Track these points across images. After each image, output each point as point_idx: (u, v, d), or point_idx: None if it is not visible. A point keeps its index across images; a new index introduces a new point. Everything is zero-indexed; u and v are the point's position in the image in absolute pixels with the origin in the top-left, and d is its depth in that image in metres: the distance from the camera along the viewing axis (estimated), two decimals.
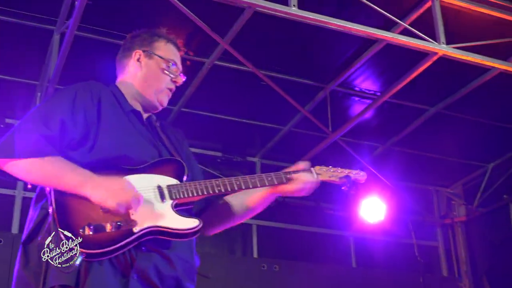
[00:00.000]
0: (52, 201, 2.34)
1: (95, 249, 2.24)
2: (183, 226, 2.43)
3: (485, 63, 5.54)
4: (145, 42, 2.89)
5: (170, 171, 2.60)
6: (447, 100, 6.88)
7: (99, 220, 2.30)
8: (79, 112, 2.53)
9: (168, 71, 2.84)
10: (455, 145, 7.99)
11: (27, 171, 2.42)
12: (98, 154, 2.49)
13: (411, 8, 5.52)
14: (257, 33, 5.68)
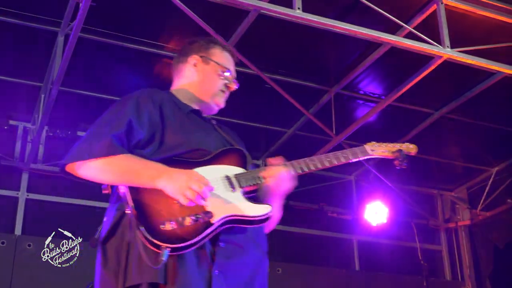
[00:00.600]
0: (129, 200, 2.41)
1: (179, 243, 2.30)
2: (257, 212, 2.53)
3: (490, 67, 5.51)
4: (202, 48, 2.98)
5: (234, 161, 2.68)
6: (451, 104, 6.87)
7: (178, 214, 2.36)
8: (144, 114, 2.61)
9: (224, 76, 2.93)
10: (460, 149, 7.98)
11: (101, 171, 2.49)
12: (165, 152, 2.57)
13: (416, 12, 5.51)
14: (261, 36, 5.68)
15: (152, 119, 2.62)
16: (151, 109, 2.64)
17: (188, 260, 2.34)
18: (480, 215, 8.59)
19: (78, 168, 2.51)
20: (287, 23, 5.09)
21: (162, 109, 2.68)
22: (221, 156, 2.66)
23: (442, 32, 5.25)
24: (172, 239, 2.29)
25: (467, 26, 5.67)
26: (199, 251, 2.37)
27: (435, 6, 5.32)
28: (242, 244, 2.52)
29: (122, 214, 2.45)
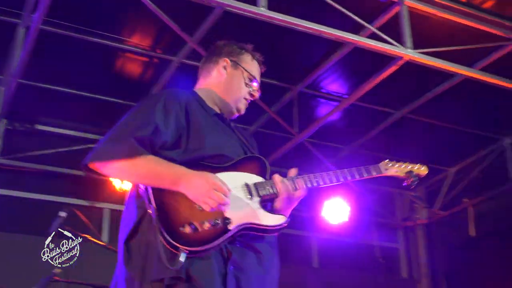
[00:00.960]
0: (151, 200, 2.46)
1: (197, 246, 2.37)
2: (273, 222, 2.61)
3: (450, 69, 5.61)
4: (234, 53, 3.01)
5: (254, 169, 2.73)
6: (412, 104, 6.98)
7: (197, 218, 2.43)
8: (170, 116, 2.62)
9: (250, 85, 2.97)
10: (419, 148, 8.10)
11: (122, 172, 2.54)
12: (190, 154, 2.60)
13: (379, 13, 5.57)
14: (226, 33, 5.61)
15: (178, 122, 2.64)
16: (178, 111, 2.66)
17: (205, 257, 2.42)
18: (437, 214, 8.75)
19: (100, 167, 2.55)
20: (252, 21, 5.08)
21: (188, 109, 2.71)
22: (242, 163, 2.72)
23: (404, 34, 5.33)
24: (190, 242, 2.37)
25: (429, 28, 5.77)
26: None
27: (398, 7, 5.39)
28: (257, 248, 2.60)
29: (144, 213, 2.50)
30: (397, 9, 5.41)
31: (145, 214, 2.50)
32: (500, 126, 7.69)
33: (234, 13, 4.97)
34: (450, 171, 8.53)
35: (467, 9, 5.56)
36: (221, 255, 2.46)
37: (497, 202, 8.08)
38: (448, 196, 8.58)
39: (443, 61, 5.54)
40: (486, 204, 8.21)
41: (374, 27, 5.43)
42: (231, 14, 5.06)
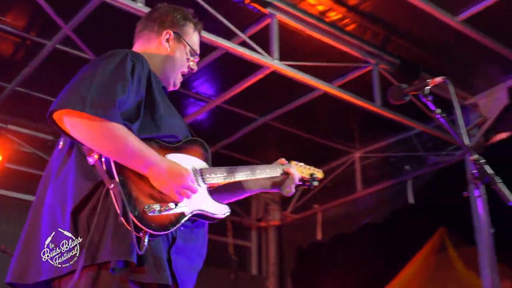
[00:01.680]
0: (114, 175, 2.26)
1: (159, 230, 2.27)
2: (219, 212, 2.59)
3: (311, 82, 5.97)
4: (177, 24, 2.87)
5: (198, 153, 2.66)
6: (275, 112, 7.32)
7: (158, 199, 2.34)
8: (135, 81, 2.45)
9: (190, 59, 2.88)
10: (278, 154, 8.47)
11: (92, 135, 2.28)
12: (145, 129, 2.45)
13: (252, 23, 5.82)
14: (103, 23, 5.64)
15: (140, 88, 2.48)
16: (141, 76, 2.50)
17: (156, 241, 2.32)
18: (289, 217, 9.21)
19: (67, 119, 2.27)
20: (130, 15, 5.10)
21: (150, 78, 2.56)
22: (188, 145, 2.63)
23: (273, 45, 5.62)
24: (153, 225, 2.25)
25: (297, 43, 6.10)
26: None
27: (270, 20, 5.67)
28: (195, 232, 2.55)
29: (96, 185, 2.31)
30: (269, 21, 5.68)
31: (97, 188, 2.30)
32: (352, 141, 8.30)
33: (112, 5, 4.91)
34: None
35: (332, 29, 5.92)
36: (167, 239, 2.39)
37: (343, 209, 8.67)
38: (300, 201, 9.04)
39: (305, 74, 5.89)
40: (334, 211, 8.78)
41: (246, 35, 5.65)
42: (109, 5, 4.99)
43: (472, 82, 6.93)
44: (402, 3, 5.49)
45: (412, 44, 6.25)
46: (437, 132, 7.01)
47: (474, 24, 5.87)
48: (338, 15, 5.80)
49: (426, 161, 7.66)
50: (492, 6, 5.56)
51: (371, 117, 6.73)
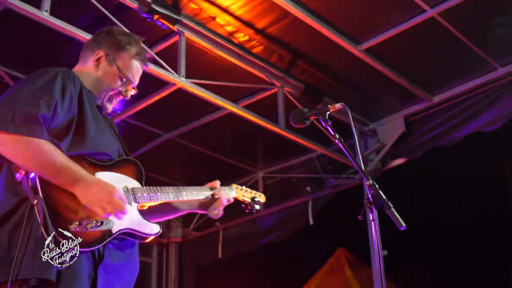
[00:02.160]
0: (38, 191, 2.27)
1: (84, 247, 2.26)
2: (149, 231, 2.60)
3: (216, 101, 6.03)
4: (113, 47, 2.86)
5: (132, 172, 2.67)
6: (180, 129, 7.31)
7: (84, 216, 2.34)
8: (66, 99, 2.45)
9: (120, 84, 2.85)
10: (182, 171, 8.50)
11: (16, 152, 2.31)
12: (75, 146, 2.44)
13: (160, 39, 5.81)
14: (6, 30, 5.47)
15: (72, 106, 2.50)
16: (72, 94, 2.51)
17: (79, 259, 2.28)
18: (190, 234, 9.21)
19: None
20: (35, 23, 4.93)
21: (81, 97, 2.57)
22: (120, 164, 2.65)
23: (180, 62, 5.64)
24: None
25: (204, 61, 6.13)
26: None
27: (178, 37, 5.69)
28: (126, 251, 2.55)
29: (20, 201, 2.29)
30: (177, 39, 5.69)
31: (22, 203, 2.31)
32: (256, 160, 8.40)
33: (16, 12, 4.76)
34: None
35: (239, 50, 6.00)
36: (92, 257, 2.38)
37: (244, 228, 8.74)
38: (203, 219, 9.02)
39: (212, 93, 5.94)
40: (235, 229, 8.84)
41: (153, 51, 5.64)
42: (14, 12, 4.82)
43: (371, 109, 7.22)
44: (308, 29, 5.65)
45: (316, 69, 6.44)
46: (337, 155, 7.23)
47: (375, 54, 6.13)
48: (245, 36, 5.89)
49: (326, 183, 7.87)
50: (392, 38, 5.83)
51: (275, 138, 6.85)
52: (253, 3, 5.41)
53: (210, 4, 5.43)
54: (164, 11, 5.30)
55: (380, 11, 5.61)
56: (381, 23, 5.77)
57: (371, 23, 5.78)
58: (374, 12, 5.63)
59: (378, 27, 5.82)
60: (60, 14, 4.87)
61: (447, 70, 6.51)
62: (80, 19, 5.28)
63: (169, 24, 5.42)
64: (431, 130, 7.08)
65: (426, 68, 6.49)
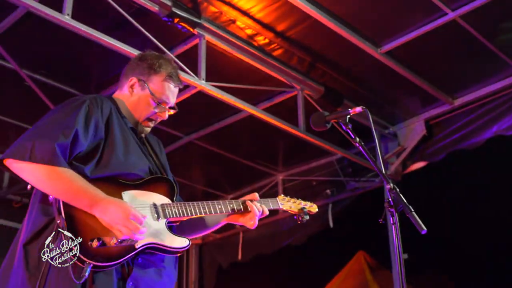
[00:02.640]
0: (61, 211, 2.42)
1: (103, 262, 2.38)
2: (176, 244, 2.65)
3: (236, 104, 6.03)
4: (145, 72, 2.93)
5: (162, 190, 2.75)
6: (200, 131, 7.34)
7: (105, 234, 2.43)
8: (91, 126, 2.57)
9: (155, 106, 2.92)
10: (202, 173, 8.52)
11: (37, 179, 2.46)
12: (102, 169, 2.56)
13: (180, 42, 5.83)
14: (28, 33, 5.52)
15: (98, 132, 2.61)
16: (98, 120, 2.62)
17: (107, 272, 2.40)
18: (210, 236, 9.24)
19: (14, 166, 2.48)
20: (56, 26, 4.98)
21: (109, 122, 2.68)
22: (151, 182, 2.73)
23: (200, 65, 5.65)
24: (96, 257, 2.36)
25: (224, 64, 6.14)
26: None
27: (198, 40, 5.70)
28: (158, 264, 2.62)
29: (49, 221, 2.44)
30: (197, 42, 5.71)
31: (51, 222, 2.47)
32: (276, 163, 8.40)
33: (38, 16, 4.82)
34: (227, 198, 9.06)
35: (259, 53, 6.01)
36: (121, 271, 2.49)
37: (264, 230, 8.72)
38: None
39: (232, 96, 5.94)
40: (255, 232, 8.84)
41: (173, 54, 5.66)
42: (35, 16, 4.90)
43: (392, 112, 7.18)
44: (328, 32, 5.64)
45: (337, 72, 6.43)
46: (357, 159, 7.21)
47: (395, 57, 6.10)
48: (265, 39, 5.90)
49: (346, 186, 7.85)
50: (413, 41, 5.80)
51: (294, 140, 6.85)
52: (273, 6, 5.42)
53: (230, 7, 5.45)
54: (184, 14, 5.33)
55: (401, 14, 5.59)
56: (402, 26, 5.75)
57: (391, 26, 5.76)
58: (395, 15, 5.60)
59: (398, 30, 5.79)
60: (81, 18, 4.91)
61: (468, 73, 6.46)
62: (101, 23, 5.33)
63: (189, 27, 5.44)
64: (452, 133, 7.04)
65: (447, 71, 6.45)
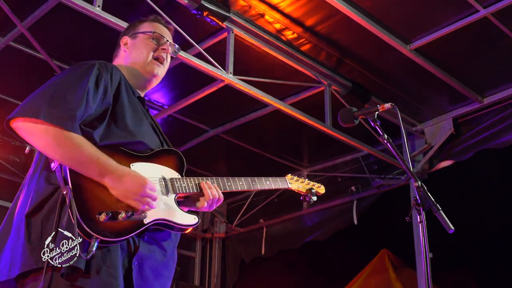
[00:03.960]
0: (68, 181, 2.30)
1: (111, 237, 2.26)
2: (185, 222, 2.55)
3: (264, 99, 6.02)
4: (131, 27, 2.98)
5: (172, 163, 2.65)
6: (226, 125, 7.36)
7: (114, 207, 2.31)
8: (100, 89, 2.48)
9: (151, 40, 2.88)
10: (226, 166, 8.55)
11: (48, 143, 2.32)
12: (111, 137, 2.46)
13: (209, 35, 5.86)
14: (59, 24, 5.58)
15: (106, 96, 2.51)
16: (108, 85, 2.53)
17: (112, 249, 2.30)
18: (234, 230, 9.25)
19: (23, 127, 2.34)
20: (87, 17, 5.01)
21: (119, 89, 2.59)
22: (160, 155, 2.63)
23: (228, 59, 5.65)
24: (104, 232, 2.24)
25: (252, 58, 6.15)
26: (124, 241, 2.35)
27: (226, 34, 5.71)
28: (163, 243, 2.53)
29: (54, 190, 2.35)
30: (225, 35, 5.72)
31: (55, 191, 2.34)
32: (301, 158, 8.39)
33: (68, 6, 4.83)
34: (250, 192, 9.05)
35: (287, 48, 6.00)
36: (127, 248, 2.38)
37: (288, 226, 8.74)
38: (246, 215, 9.09)
39: (259, 90, 5.93)
40: (279, 227, 8.85)
41: (202, 47, 5.67)
42: (65, 6, 4.91)
43: (420, 109, 7.12)
44: (357, 28, 5.61)
45: (365, 68, 6.39)
46: (383, 156, 7.16)
47: (424, 54, 6.04)
48: (294, 34, 5.88)
49: (372, 183, 7.81)
50: (443, 38, 5.74)
51: (320, 136, 6.83)
52: (302, 1, 5.40)
53: (259, 1, 5.44)
54: (213, 7, 5.34)
55: (432, 11, 5.52)
56: (432, 22, 5.69)
57: (421, 23, 5.70)
58: (425, 11, 5.54)
59: (428, 27, 5.73)
60: (112, 9, 4.93)
61: (499, 71, 6.37)
62: (131, 15, 5.32)
63: (218, 21, 5.45)
64: (480, 132, 6.95)
65: (476, 69, 6.36)
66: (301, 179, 3.24)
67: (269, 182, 3.02)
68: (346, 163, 8.19)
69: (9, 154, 7.49)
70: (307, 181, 3.25)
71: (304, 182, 3.24)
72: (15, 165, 7.41)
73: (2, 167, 7.35)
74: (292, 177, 3.20)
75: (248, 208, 9.07)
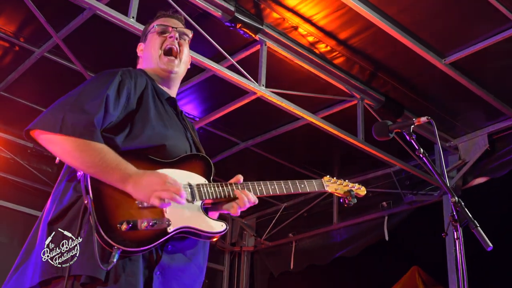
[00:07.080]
0: (89, 189, 2.25)
1: (132, 247, 2.18)
2: (212, 229, 2.44)
3: (295, 111, 5.99)
4: (142, 33, 3.04)
5: (199, 169, 2.55)
6: (257, 138, 7.35)
7: (135, 216, 2.24)
8: (123, 96, 2.46)
9: (157, 34, 2.89)
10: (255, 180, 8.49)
11: (67, 153, 2.31)
12: (133, 142, 2.42)
13: (242, 48, 5.87)
14: (93, 35, 5.64)
15: (129, 103, 2.48)
16: (131, 91, 2.51)
17: (133, 258, 2.24)
18: (263, 244, 9.19)
19: (42, 137, 2.34)
20: (120, 29, 5.07)
21: (144, 95, 2.57)
22: (186, 160, 2.54)
23: (261, 71, 5.65)
24: (126, 241, 2.17)
25: (284, 71, 6.14)
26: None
27: (259, 46, 5.71)
28: (188, 253, 2.44)
29: (77, 198, 2.32)
30: (258, 48, 5.72)
31: (78, 199, 2.31)
32: (331, 172, 8.30)
33: (104, 18, 4.90)
34: (281, 206, 9.03)
35: (320, 61, 5.98)
36: (149, 258, 2.31)
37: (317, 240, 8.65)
38: (275, 229, 9.04)
39: (291, 103, 5.90)
40: (308, 241, 8.77)
41: (234, 59, 5.66)
42: (101, 18, 4.97)
43: (454, 124, 7.01)
44: (391, 41, 5.55)
45: (398, 82, 6.32)
46: (416, 171, 7.05)
47: (459, 68, 5.95)
48: (327, 47, 5.85)
49: (403, 199, 7.70)
50: (478, 52, 5.65)
51: (351, 150, 6.76)
52: (336, 14, 5.36)
53: (293, 14, 5.42)
54: (246, 20, 5.33)
55: (468, 25, 5.45)
56: (468, 36, 5.60)
57: (457, 37, 5.62)
58: (461, 25, 5.47)
59: (464, 41, 5.65)
60: (146, 21, 4.87)
61: None
62: None
63: (251, 33, 5.45)
64: None
65: None
66: (339, 181, 3.07)
67: (303, 185, 2.85)
68: (377, 178, 8.11)
69: (41, 164, 7.58)
70: (346, 183, 3.08)
71: (342, 183, 3.07)
72: (47, 175, 7.49)
73: (35, 177, 7.42)
74: (329, 178, 3.03)
75: (277, 222, 9.02)
